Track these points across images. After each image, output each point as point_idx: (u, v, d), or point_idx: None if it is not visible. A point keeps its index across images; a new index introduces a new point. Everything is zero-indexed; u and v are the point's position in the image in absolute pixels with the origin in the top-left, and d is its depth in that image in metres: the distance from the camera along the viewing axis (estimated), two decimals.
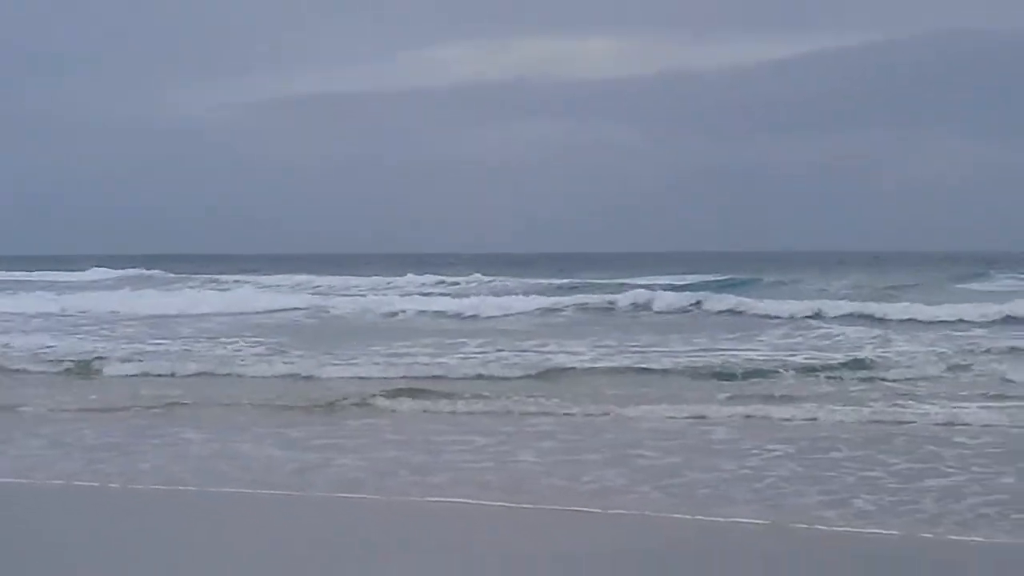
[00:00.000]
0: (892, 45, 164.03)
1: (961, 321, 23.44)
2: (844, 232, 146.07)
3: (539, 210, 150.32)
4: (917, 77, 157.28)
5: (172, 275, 50.84)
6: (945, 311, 24.38)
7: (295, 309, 30.47)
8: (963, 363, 16.95)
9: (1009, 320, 23.59)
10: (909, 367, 16.70)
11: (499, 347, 20.09)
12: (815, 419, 12.61)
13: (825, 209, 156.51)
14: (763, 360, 17.77)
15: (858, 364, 17.02)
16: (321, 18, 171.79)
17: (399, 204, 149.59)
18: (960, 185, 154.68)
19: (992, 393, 14.25)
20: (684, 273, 48.13)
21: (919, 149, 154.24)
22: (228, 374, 17.33)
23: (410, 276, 45.34)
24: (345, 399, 14.30)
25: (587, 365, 17.62)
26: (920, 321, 23.85)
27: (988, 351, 18.43)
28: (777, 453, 10.76)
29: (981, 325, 22.92)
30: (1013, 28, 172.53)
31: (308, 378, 16.73)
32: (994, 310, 24.40)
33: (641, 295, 30.43)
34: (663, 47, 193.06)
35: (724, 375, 16.29)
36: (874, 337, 20.86)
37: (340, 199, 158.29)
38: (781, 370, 16.57)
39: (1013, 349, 18.51)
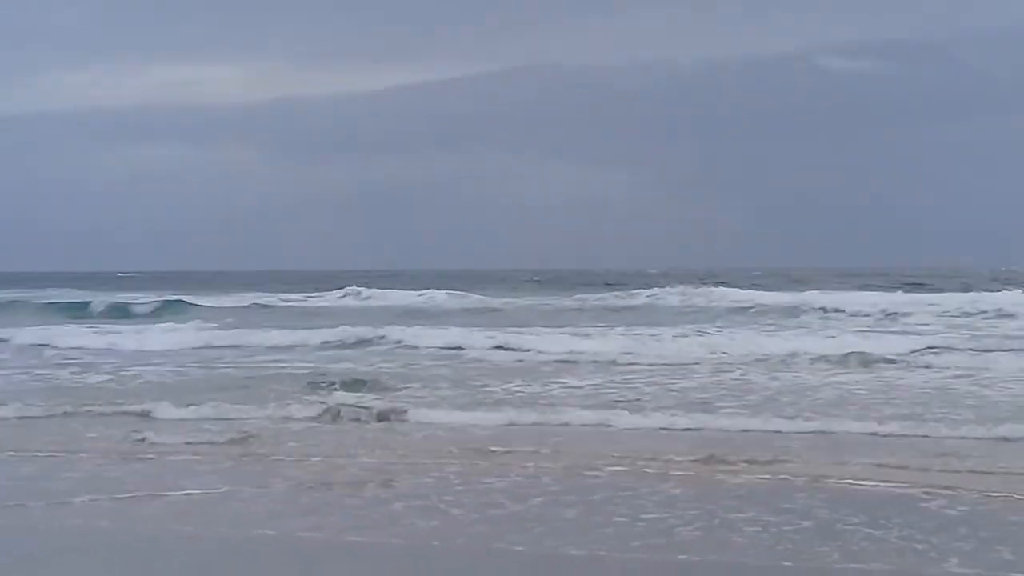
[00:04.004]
0: (486, 77, 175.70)
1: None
2: (442, 250, 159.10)
3: (161, 230, 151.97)
4: (508, 106, 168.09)
5: None
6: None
7: None
8: None
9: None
10: None
11: None
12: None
13: (430, 228, 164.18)
14: None
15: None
16: None
17: (20, 225, 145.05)
18: (555, 206, 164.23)
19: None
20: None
21: (513, 172, 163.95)
22: None
23: None
24: None
25: None
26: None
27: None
28: None
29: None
30: (588, 63, 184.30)
31: None
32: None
33: None
34: (281, 75, 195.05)
35: None
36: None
37: None
38: None
39: None
